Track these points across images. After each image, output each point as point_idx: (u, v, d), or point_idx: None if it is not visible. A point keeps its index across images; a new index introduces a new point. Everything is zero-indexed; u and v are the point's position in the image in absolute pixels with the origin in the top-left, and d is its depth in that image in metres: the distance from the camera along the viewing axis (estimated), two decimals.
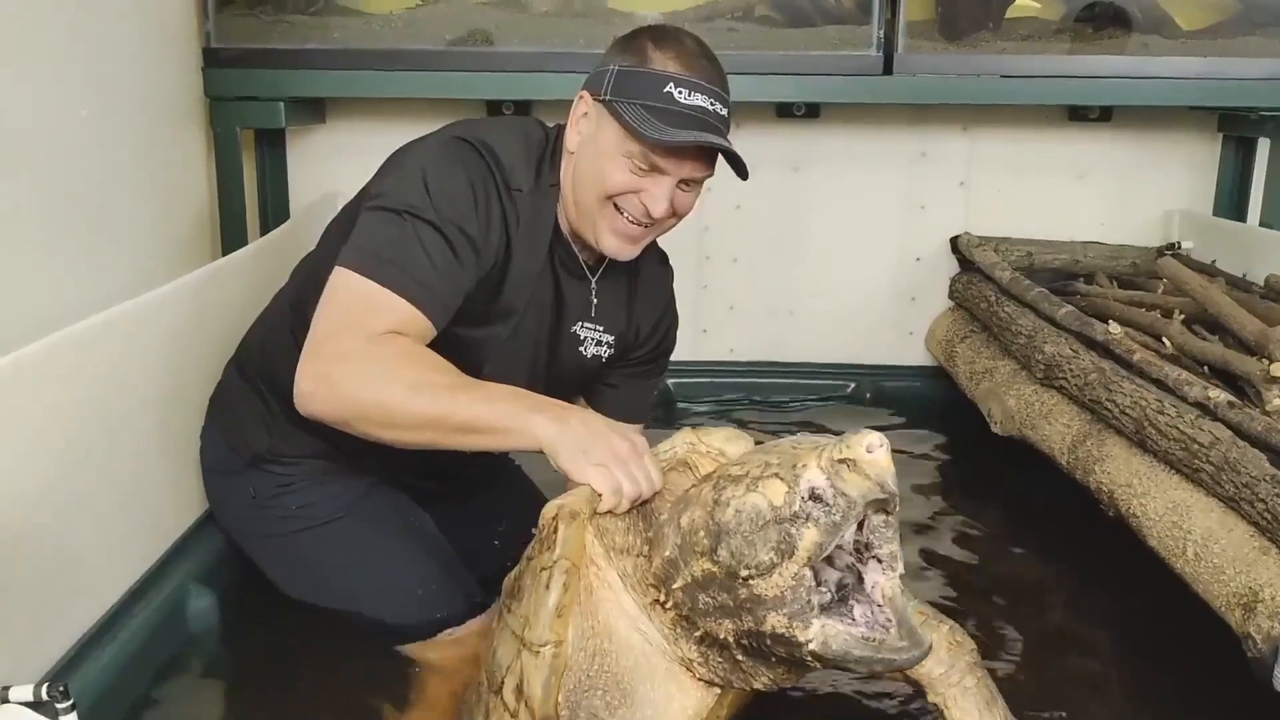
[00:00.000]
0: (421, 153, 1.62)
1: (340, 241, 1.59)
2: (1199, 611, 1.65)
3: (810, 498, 1.16)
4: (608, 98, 1.59)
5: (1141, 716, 1.68)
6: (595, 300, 1.78)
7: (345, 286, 1.52)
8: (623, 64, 1.60)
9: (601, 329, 1.81)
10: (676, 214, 1.66)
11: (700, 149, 1.59)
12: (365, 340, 1.47)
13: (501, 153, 1.63)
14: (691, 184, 1.64)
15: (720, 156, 1.63)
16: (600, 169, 1.60)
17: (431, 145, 1.63)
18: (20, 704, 1.16)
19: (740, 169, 1.64)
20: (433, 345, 1.54)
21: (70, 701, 1.18)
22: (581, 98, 1.65)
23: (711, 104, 1.59)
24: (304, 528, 1.78)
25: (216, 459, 1.88)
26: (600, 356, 1.83)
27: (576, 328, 1.78)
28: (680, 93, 1.57)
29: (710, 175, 1.66)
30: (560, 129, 1.70)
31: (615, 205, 1.62)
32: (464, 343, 1.61)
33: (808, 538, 1.15)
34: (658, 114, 1.55)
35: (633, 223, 1.63)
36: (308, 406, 1.50)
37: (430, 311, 1.53)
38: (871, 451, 1.14)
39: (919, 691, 1.47)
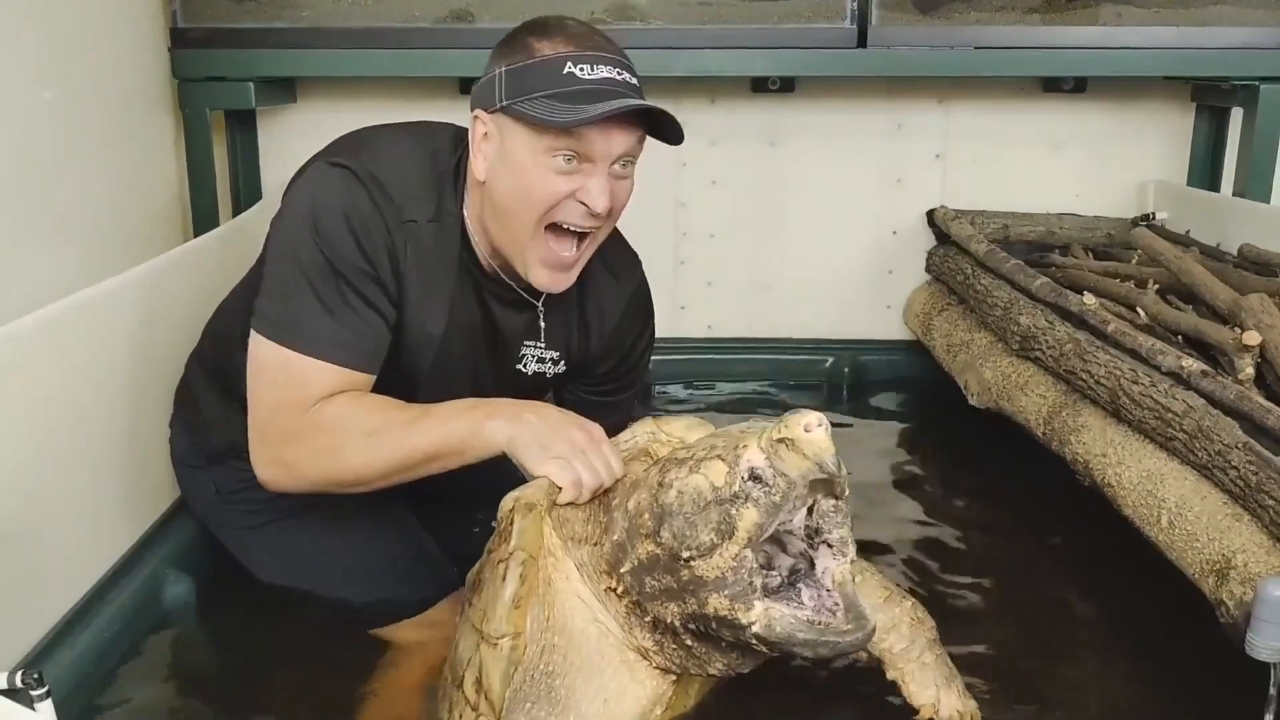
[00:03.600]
0: (307, 187, 1.54)
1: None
2: (1173, 579, 1.66)
3: (750, 478, 1.16)
4: (504, 103, 1.46)
5: (1115, 685, 1.69)
6: (543, 325, 1.69)
7: (268, 360, 1.50)
8: (508, 65, 1.47)
9: (544, 346, 1.72)
10: (613, 211, 1.52)
11: (624, 122, 1.45)
12: (304, 413, 1.47)
13: (391, 183, 1.52)
14: (626, 166, 1.50)
15: (649, 134, 1.51)
16: (524, 186, 1.47)
17: (315, 177, 1.54)
18: None
19: (672, 134, 1.50)
20: None
21: (45, 688, 1.17)
22: (476, 118, 1.51)
23: (619, 74, 1.46)
24: (270, 520, 1.77)
25: (182, 451, 1.87)
26: (544, 373, 1.74)
27: (519, 348, 1.71)
28: (582, 69, 1.43)
29: (640, 151, 1.52)
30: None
31: (549, 228, 1.50)
32: (387, 378, 1.57)
33: (747, 518, 1.16)
34: (565, 98, 1.41)
35: (571, 232, 1.51)
36: (274, 490, 1.53)
37: (357, 365, 1.51)
38: (809, 431, 1.14)
39: (881, 671, 1.47)
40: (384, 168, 1.53)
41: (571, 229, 1.51)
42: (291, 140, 2.99)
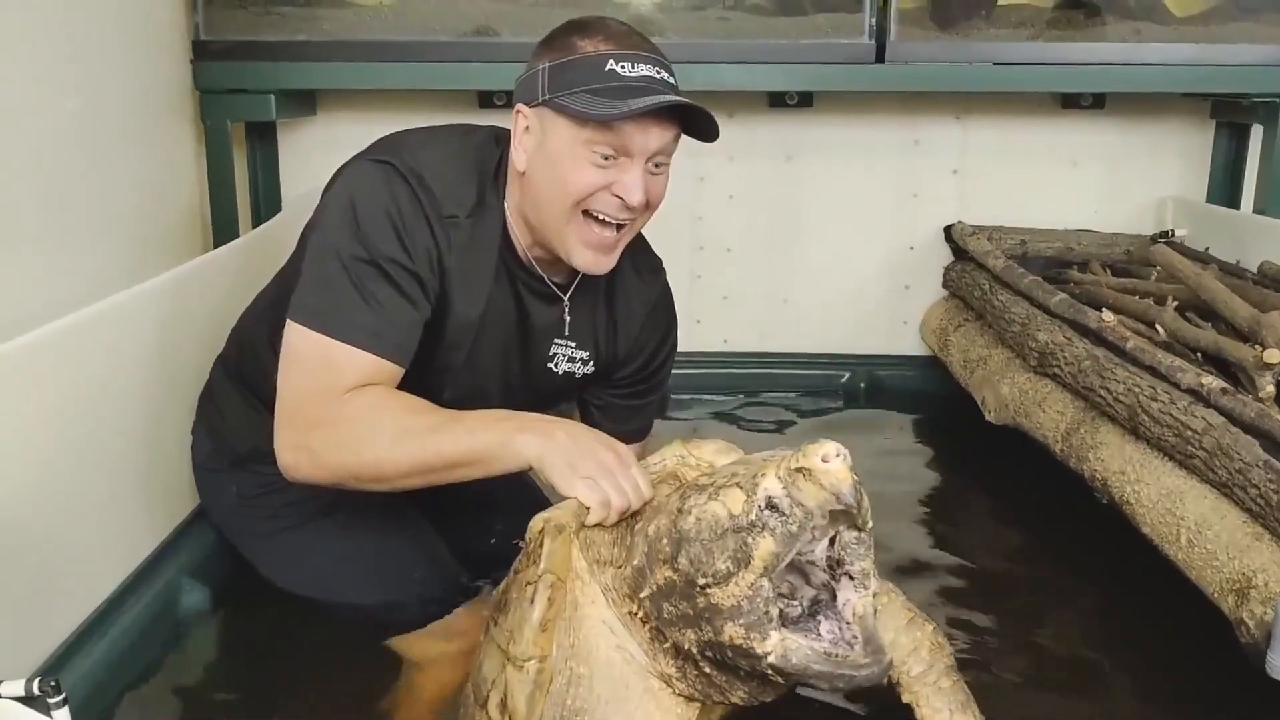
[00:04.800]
0: (349, 182, 1.56)
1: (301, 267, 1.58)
2: (1192, 598, 1.65)
3: (767, 507, 1.15)
4: (546, 97, 1.51)
5: (1134, 707, 1.68)
6: (568, 319, 1.72)
7: (302, 347, 1.51)
8: (552, 61, 1.52)
9: (574, 345, 1.74)
10: (649, 204, 1.56)
11: (660, 119, 1.50)
12: (335, 401, 1.47)
13: (432, 178, 1.55)
14: (660, 164, 1.55)
15: (683, 133, 1.55)
16: (561, 175, 1.51)
17: (358, 172, 1.57)
18: (12, 699, 1.15)
19: (707, 131, 1.54)
20: None
21: (62, 696, 1.17)
22: (518, 113, 1.55)
23: (658, 72, 1.51)
24: (289, 526, 1.77)
25: (203, 456, 1.88)
26: (574, 374, 1.76)
27: (549, 346, 1.73)
28: (623, 67, 1.49)
29: (675, 148, 1.57)
30: (508, 138, 1.62)
31: (585, 213, 1.54)
32: (417, 372, 1.58)
33: (763, 547, 1.15)
34: (606, 93, 1.46)
35: (608, 222, 1.55)
36: (294, 476, 1.52)
37: (390, 355, 1.51)
38: (827, 461, 1.12)
39: (896, 694, 1.46)
40: (425, 164, 1.56)
41: (606, 219, 1.54)
42: (311, 153, 3.01)
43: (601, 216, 1.54)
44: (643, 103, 1.46)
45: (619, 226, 1.57)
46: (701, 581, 1.19)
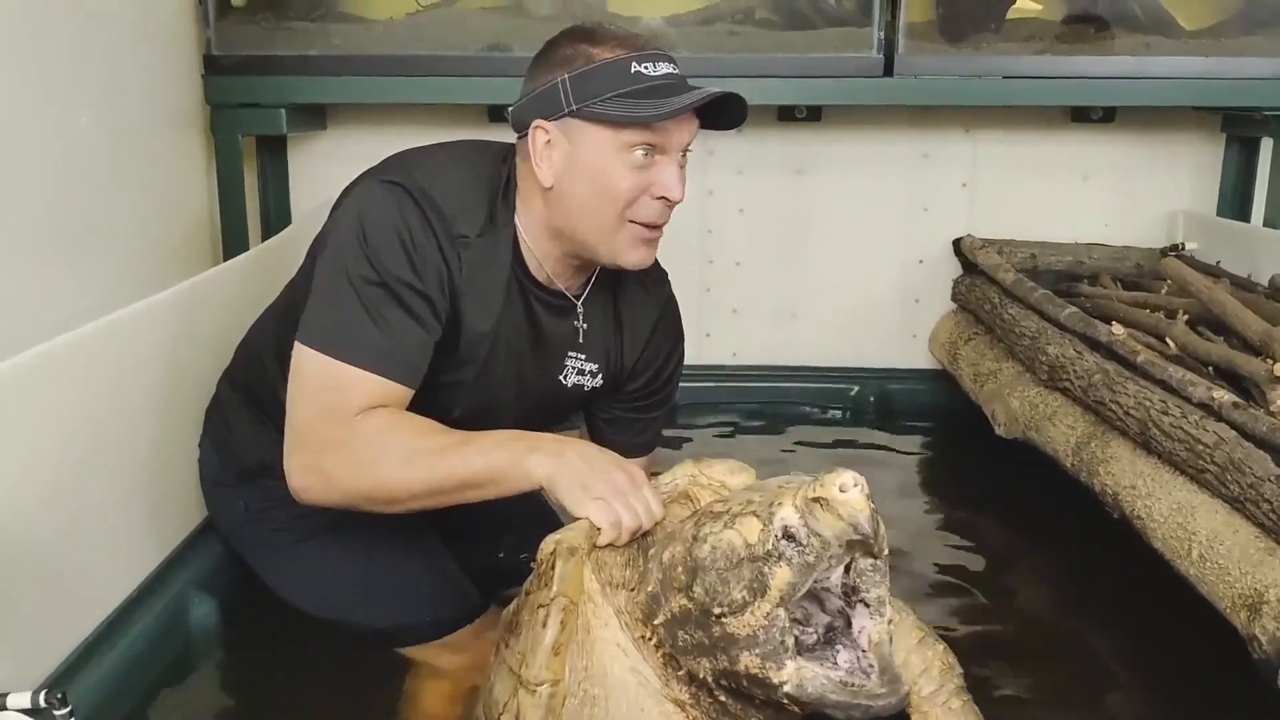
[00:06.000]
0: (358, 203, 1.55)
1: (309, 285, 1.58)
2: (1203, 613, 1.64)
3: (784, 536, 1.14)
4: (573, 108, 1.50)
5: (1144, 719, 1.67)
6: (584, 326, 1.72)
7: (310, 370, 1.50)
8: (570, 72, 1.51)
9: (584, 357, 1.74)
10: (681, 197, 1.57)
11: (691, 112, 1.51)
12: (345, 423, 1.47)
13: (442, 198, 1.54)
14: (685, 156, 1.56)
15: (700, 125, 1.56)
16: (604, 185, 1.51)
17: (367, 192, 1.56)
18: (18, 711, 1.16)
19: (723, 122, 1.55)
20: None
21: (68, 708, 1.18)
22: (537, 128, 1.53)
23: (673, 68, 1.53)
24: (297, 540, 1.77)
25: (211, 470, 1.88)
26: (583, 386, 1.75)
27: (562, 359, 1.72)
28: (646, 67, 1.50)
29: None
30: (514, 155, 1.62)
31: (630, 219, 1.54)
32: (428, 389, 1.57)
33: (780, 577, 1.14)
34: (641, 95, 1.47)
35: (650, 225, 1.56)
36: (305, 499, 1.52)
37: (399, 377, 1.51)
38: (845, 491, 1.12)
39: (906, 715, 1.45)
40: (435, 183, 1.55)
41: (646, 221, 1.55)
42: (321, 166, 3.02)
43: (647, 222, 1.55)
44: (689, 98, 1.47)
45: (662, 222, 1.58)
46: (717, 611, 1.18)
